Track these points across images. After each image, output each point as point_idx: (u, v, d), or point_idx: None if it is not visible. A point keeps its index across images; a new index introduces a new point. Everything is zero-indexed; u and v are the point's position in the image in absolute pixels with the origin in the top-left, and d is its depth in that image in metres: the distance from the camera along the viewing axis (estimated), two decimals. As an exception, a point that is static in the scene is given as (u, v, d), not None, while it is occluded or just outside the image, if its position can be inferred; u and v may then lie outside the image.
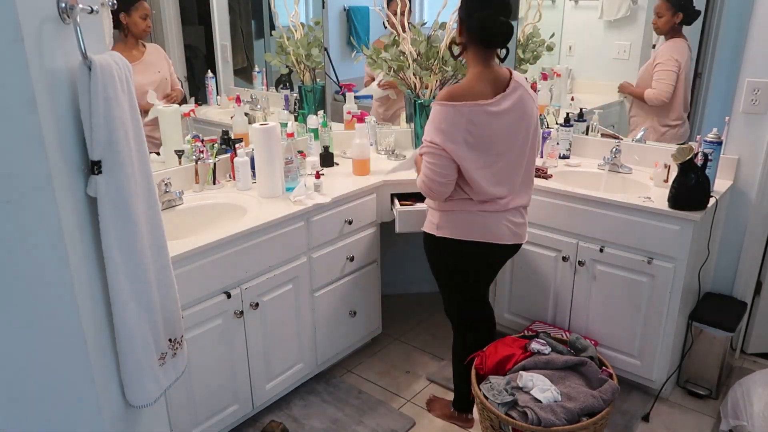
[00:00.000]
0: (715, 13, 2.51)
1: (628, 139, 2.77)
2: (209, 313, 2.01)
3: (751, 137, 2.43)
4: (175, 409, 1.97)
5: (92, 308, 1.24)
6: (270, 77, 3.03)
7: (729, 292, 2.64)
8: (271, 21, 2.94)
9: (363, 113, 2.53)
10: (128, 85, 1.26)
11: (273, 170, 2.32)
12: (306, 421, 2.36)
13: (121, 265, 1.24)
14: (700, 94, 2.63)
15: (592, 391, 1.93)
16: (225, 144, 2.53)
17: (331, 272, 2.46)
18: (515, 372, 2.04)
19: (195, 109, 2.51)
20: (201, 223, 2.23)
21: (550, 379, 1.97)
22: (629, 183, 2.57)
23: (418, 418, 2.40)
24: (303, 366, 2.45)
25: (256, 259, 2.12)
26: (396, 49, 2.79)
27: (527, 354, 2.11)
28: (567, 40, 3.03)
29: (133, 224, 1.25)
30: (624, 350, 2.46)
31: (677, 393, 2.53)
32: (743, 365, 2.68)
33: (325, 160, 2.75)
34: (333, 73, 3.08)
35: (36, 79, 1.06)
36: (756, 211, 2.50)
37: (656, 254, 2.27)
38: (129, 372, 1.31)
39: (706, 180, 2.19)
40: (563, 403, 1.87)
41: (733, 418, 2.20)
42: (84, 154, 1.18)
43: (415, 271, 3.29)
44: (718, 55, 2.53)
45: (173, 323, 1.43)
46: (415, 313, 3.16)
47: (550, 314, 2.64)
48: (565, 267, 2.52)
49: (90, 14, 1.16)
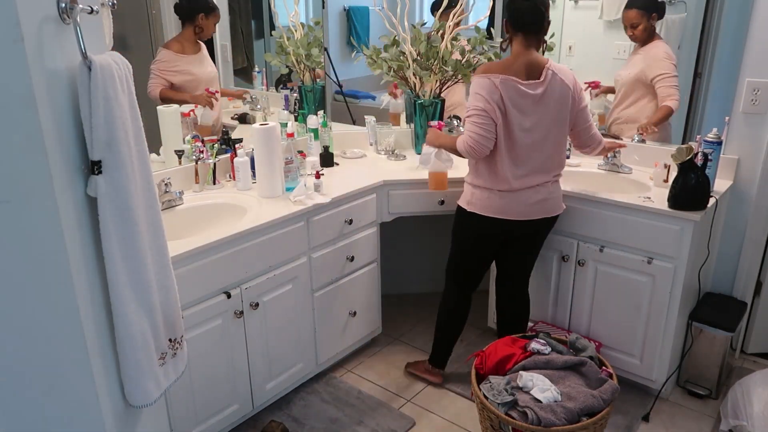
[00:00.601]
0: (715, 13, 2.50)
1: (627, 139, 2.77)
2: (209, 313, 2.01)
3: (751, 137, 2.43)
4: (175, 409, 1.97)
5: (92, 308, 1.24)
6: (270, 77, 3.03)
7: (729, 292, 2.64)
8: (271, 21, 2.94)
9: (440, 124, 2.59)
10: (128, 85, 1.25)
11: (273, 170, 2.32)
12: (306, 421, 2.36)
13: (121, 265, 1.24)
14: (700, 94, 2.63)
15: (592, 391, 1.93)
16: (225, 144, 2.53)
17: (331, 272, 2.46)
18: (515, 372, 2.04)
19: (195, 109, 2.51)
20: (201, 223, 2.23)
21: (550, 379, 1.97)
22: (629, 183, 2.57)
23: (418, 418, 2.40)
24: (303, 366, 2.45)
25: (256, 259, 2.12)
26: (396, 49, 2.79)
27: (527, 354, 2.11)
28: (567, 40, 3.03)
29: (133, 224, 1.25)
30: (624, 350, 2.46)
31: (677, 393, 2.53)
32: (743, 365, 2.68)
33: (325, 160, 2.75)
34: (333, 73, 3.08)
35: (36, 79, 1.06)
36: (756, 211, 2.50)
37: (656, 254, 2.27)
38: (129, 372, 1.31)
39: (706, 180, 2.19)
40: (563, 403, 1.87)
41: (733, 418, 2.19)
42: (84, 154, 1.18)
43: (415, 271, 3.29)
44: (718, 55, 2.53)
45: (173, 323, 1.43)
46: (415, 313, 3.16)
47: (551, 314, 2.64)
48: (566, 267, 2.52)
49: (90, 14, 1.16)
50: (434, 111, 2.87)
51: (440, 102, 2.87)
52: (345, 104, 3.24)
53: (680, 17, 2.68)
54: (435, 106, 2.87)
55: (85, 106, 1.14)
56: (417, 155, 2.90)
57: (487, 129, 2.07)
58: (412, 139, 3.03)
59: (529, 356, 2.09)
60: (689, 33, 2.64)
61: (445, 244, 2.47)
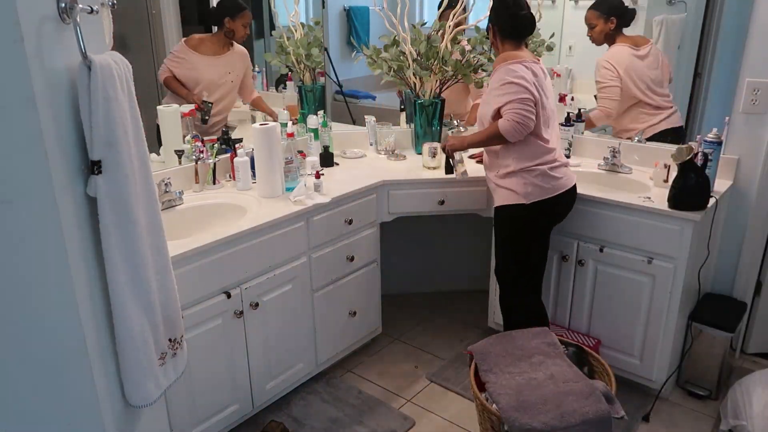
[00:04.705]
0: (715, 13, 2.50)
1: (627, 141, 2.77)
2: (209, 313, 2.01)
3: (751, 137, 2.43)
4: (175, 408, 1.97)
5: (92, 308, 1.24)
6: (270, 77, 3.03)
7: (729, 293, 2.64)
8: (271, 21, 2.94)
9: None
10: (128, 85, 1.26)
11: (273, 170, 2.32)
12: (306, 421, 2.36)
13: (121, 264, 1.24)
14: (700, 94, 2.63)
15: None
16: (225, 144, 2.53)
17: (331, 272, 2.46)
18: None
19: (195, 109, 2.51)
20: (201, 223, 2.23)
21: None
22: (629, 183, 2.57)
23: (418, 418, 2.40)
24: (303, 366, 2.45)
25: (256, 259, 2.12)
26: (396, 49, 2.79)
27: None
28: (567, 40, 3.03)
29: (133, 224, 1.25)
30: (624, 350, 2.46)
31: (677, 393, 2.53)
32: (743, 365, 2.68)
33: (325, 160, 2.75)
34: (333, 73, 3.08)
35: (36, 79, 1.06)
36: (756, 211, 2.50)
37: (656, 254, 2.27)
38: (129, 372, 1.31)
39: (706, 180, 2.19)
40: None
41: (733, 418, 2.19)
42: (84, 154, 1.18)
43: (415, 271, 3.29)
44: (718, 55, 2.53)
45: (173, 323, 1.43)
46: (415, 313, 3.16)
47: (551, 314, 2.63)
48: (566, 267, 2.52)
49: (90, 14, 1.16)
50: (434, 111, 2.87)
51: (440, 102, 2.87)
52: (345, 104, 3.24)
53: (680, 17, 2.68)
54: (435, 106, 2.87)
55: (84, 106, 1.14)
56: (417, 155, 2.91)
57: (528, 106, 2.12)
58: (412, 139, 3.03)
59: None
60: (689, 33, 2.64)
61: (444, 244, 2.47)
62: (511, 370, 2.01)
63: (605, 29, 2.69)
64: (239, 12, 2.58)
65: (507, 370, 2.02)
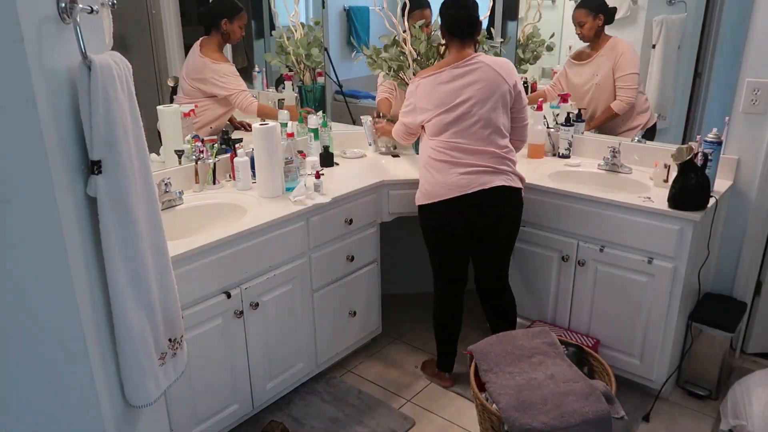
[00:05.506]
0: (715, 13, 2.50)
1: (627, 139, 2.77)
2: (209, 313, 2.01)
3: (751, 137, 2.43)
4: (175, 408, 1.97)
5: (92, 308, 1.24)
6: (270, 77, 3.03)
7: (729, 293, 2.64)
8: (271, 21, 2.94)
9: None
10: (128, 85, 1.25)
11: (273, 170, 2.32)
12: (306, 421, 2.36)
13: (121, 264, 1.24)
14: (700, 94, 2.63)
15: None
16: (225, 144, 2.53)
17: (331, 272, 2.46)
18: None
19: (195, 109, 2.51)
20: (201, 223, 2.23)
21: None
22: (629, 183, 2.57)
23: (418, 418, 2.40)
24: (303, 366, 2.45)
25: (256, 259, 2.12)
26: (396, 49, 2.79)
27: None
28: (567, 40, 3.03)
29: (133, 224, 1.25)
30: (624, 350, 2.46)
31: (677, 393, 2.53)
32: (743, 365, 2.68)
33: (325, 160, 2.75)
34: (333, 73, 3.08)
35: (36, 79, 1.06)
36: (756, 211, 2.50)
37: (656, 254, 2.27)
38: (129, 372, 1.31)
39: (706, 180, 2.19)
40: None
41: (733, 417, 2.19)
42: (84, 154, 1.18)
43: (415, 271, 3.29)
44: (718, 55, 2.52)
45: (173, 323, 1.43)
46: (415, 313, 3.16)
47: (551, 314, 2.64)
48: (566, 267, 2.52)
49: (90, 14, 1.16)
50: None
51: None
52: (345, 104, 3.24)
53: (680, 17, 2.68)
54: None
55: (84, 106, 1.14)
56: (417, 155, 2.90)
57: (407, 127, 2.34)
58: (412, 139, 3.02)
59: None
60: (689, 33, 2.64)
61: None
62: (511, 370, 2.02)
63: (594, 26, 2.80)
64: (237, 13, 2.56)
65: (507, 370, 2.02)
